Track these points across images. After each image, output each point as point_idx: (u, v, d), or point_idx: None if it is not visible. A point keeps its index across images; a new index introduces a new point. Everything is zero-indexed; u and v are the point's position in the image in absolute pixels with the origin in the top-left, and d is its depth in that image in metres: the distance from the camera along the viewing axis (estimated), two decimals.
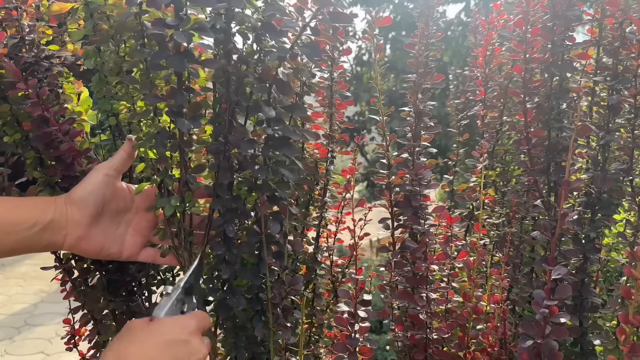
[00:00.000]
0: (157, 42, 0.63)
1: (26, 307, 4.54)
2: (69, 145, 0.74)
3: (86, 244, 0.69)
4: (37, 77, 0.75)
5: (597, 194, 0.80)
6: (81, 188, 0.69)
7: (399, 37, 8.13)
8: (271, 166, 0.70)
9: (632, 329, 0.55)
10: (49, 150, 0.75)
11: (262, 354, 0.76)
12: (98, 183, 0.70)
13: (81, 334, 0.89)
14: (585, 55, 0.81)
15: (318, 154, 0.94)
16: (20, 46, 0.76)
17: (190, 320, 0.63)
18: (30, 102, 0.72)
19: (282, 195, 0.72)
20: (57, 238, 0.67)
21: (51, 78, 0.77)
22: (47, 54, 0.78)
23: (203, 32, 0.63)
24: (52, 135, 0.74)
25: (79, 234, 0.68)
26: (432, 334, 0.77)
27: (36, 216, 0.65)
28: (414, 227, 0.80)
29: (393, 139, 0.83)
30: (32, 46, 0.76)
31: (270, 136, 0.69)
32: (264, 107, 0.66)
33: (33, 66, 0.75)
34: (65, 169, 0.76)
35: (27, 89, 0.72)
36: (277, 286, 0.72)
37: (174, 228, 0.72)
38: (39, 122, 0.73)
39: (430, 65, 0.82)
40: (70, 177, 0.76)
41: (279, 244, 0.74)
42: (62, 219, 0.67)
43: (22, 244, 0.65)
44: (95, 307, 0.82)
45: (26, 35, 0.76)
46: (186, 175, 0.69)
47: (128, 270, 0.82)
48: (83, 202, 0.68)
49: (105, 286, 0.82)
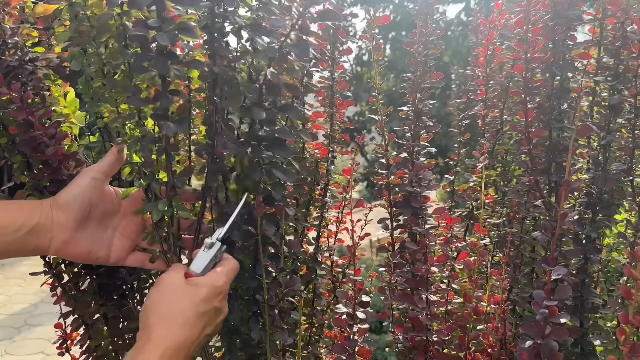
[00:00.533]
0: (140, 44, 0.61)
1: (26, 307, 4.54)
2: (55, 149, 0.73)
3: (72, 248, 0.69)
4: (21, 80, 0.74)
5: (597, 194, 0.80)
6: (67, 192, 0.69)
7: (399, 37, 8.12)
8: (265, 167, 0.70)
9: (632, 329, 0.54)
10: (35, 154, 0.74)
11: (259, 355, 0.76)
12: (85, 187, 0.69)
13: (73, 338, 0.89)
14: (587, 55, 0.80)
15: (319, 154, 0.94)
16: (2, 49, 0.74)
17: (224, 281, 0.65)
18: (15, 106, 0.71)
19: (277, 196, 0.72)
20: (42, 242, 0.67)
21: (36, 81, 0.76)
22: (31, 57, 0.77)
23: (187, 33, 0.61)
24: (38, 139, 0.73)
25: (65, 237, 0.68)
26: (432, 336, 0.77)
27: (22, 219, 0.65)
28: (413, 228, 0.79)
29: (392, 138, 0.83)
30: (15, 49, 0.75)
31: (262, 137, 0.69)
32: (253, 109, 0.66)
33: (16, 69, 0.74)
34: (53, 172, 0.75)
35: (10, 93, 0.71)
36: (274, 288, 0.72)
37: (163, 232, 0.71)
38: (24, 126, 0.72)
39: (430, 64, 0.81)
40: (59, 180, 0.75)
41: (275, 246, 0.73)
42: (47, 223, 0.66)
43: (9, 248, 0.65)
44: (86, 311, 0.82)
45: (8, 38, 0.75)
46: (173, 179, 0.68)
47: (118, 274, 0.82)
48: (69, 206, 0.68)
49: (96, 290, 0.82)
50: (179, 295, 0.62)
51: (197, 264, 0.65)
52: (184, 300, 0.62)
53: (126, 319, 0.84)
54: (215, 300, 0.63)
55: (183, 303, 0.62)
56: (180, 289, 0.63)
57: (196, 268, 0.65)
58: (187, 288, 0.63)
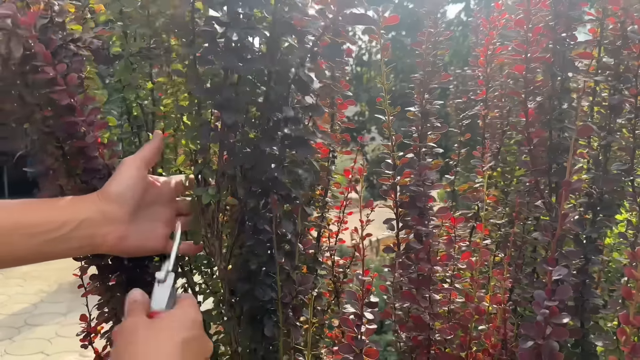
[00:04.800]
0: (208, 39, 0.65)
1: (26, 307, 4.54)
2: (95, 137, 0.70)
3: (128, 242, 0.65)
4: (64, 62, 0.69)
5: (598, 195, 0.80)
6: (117, 184, 0.65)
7: (399, 37, 8.13)
8: (287, 166, 0.70)
9: (633, 330, 0.55)
10: (71, 141, 0.70)
11: (272, 352, 0.76)
12: (134, 178, 0.66)
13: (98, 331, 0.87)
14: (587, 54, 0.80)
15: (319, 154, 0.94)
16: (49, 27, 0.69)
17: (196, 311, 0.59)
18: (59, 88, 0.66)
19: (297, 194, 0.72)
20: (94, 239, 0.63)
21: (77, 64, 0.70)
22: (74, 37, 0.71)
23: (254, 32, 0.65)
24: (77, 125, 0.69)
25: (120, 232, 0.64)
26: (434, 335, 0.77)
27: (64, 217, 0.61)
28: (418, 228, 0.79)
29: (399, 139, 0.83)
30: (60, 28, 0.70)
31: (287, 135, 0.69)
32: (284, 106, 0.67)
33: (60, 50, 0.69)
34: (87, 161, 0.71)
35: (56, 74, 0.66)
36: (288, 285, 0.72)
37: (207, 218, 0.72)
38: (64, 110, 0.68)
39: (438, 65, 0.81)
40: (92, 169, 0.71)
41: (291, 243, 0.73)
42: (98, 218, 0.62)
43: (48, 248, 0.60)
44: (120, 304, 0.76)
45: (56, 16, 0.69)
46: (223, 166, 0.70)
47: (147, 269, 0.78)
48: (122, 199, 0.64)
49: (127, 283, 0.78)
50: (150, 334, 0.54)
51: (157, 300, 0.59)
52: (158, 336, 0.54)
53: None
54: (194, 329, 0.57)
55: (158, 339, 0.54)
56: (149, 328, 0.55)
57: (158, 304, 0.59)
58: (157, 323, 0.56)
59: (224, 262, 0.74)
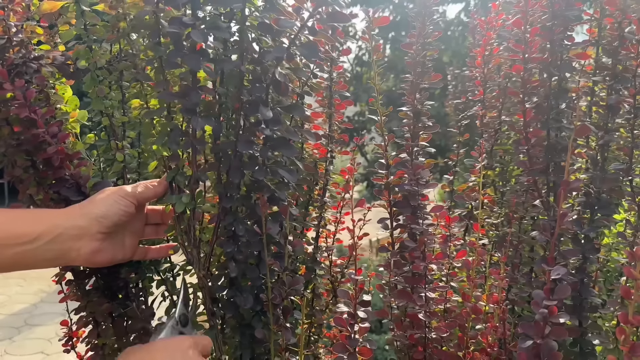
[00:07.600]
0: (174, 41, 0.63)
1: (26, 307, 4.54)
2: (57, 147, 0.73)
3: (100, 256, 0.69)
4: (25, 78, 0.74)
5: (596, 194, 0.80)
6: (102, 205, 0.68)
7: (398, 37, 8.13)
8: (270, 167, 0.70)
9: (632, 329, 0.54)
10: (37, 153, 0.74)
11: (263, 354, 0.76)
12: (124, 209, 0.69)
13: (79, 335, 0.89)
14: (585, 55, 0.81)
15: (317, 154, 0.94)
16: (7, 47, 0.74)
17: (185, 339, 0.66)
18: (17, 103, 0.71)
19: (282, 196, 0.72)
20: (69, 252, 0.66)
21: (39, 79, 0.75)
22: (35, 55, 0.76)
23: (219, 32, 0.63)
24: (40, 137, 0.72)
25: (95, 247, 0.67)
26: (431, 334, 0.77)
27: (39, 229, 0.63)
28: (412, 227, 0.79)
29: (391, 139, 0.83)
30: (20, 46, 0.75)
31: (268, 137, 0.69)
32: (261, 108, 0.66)
33: (21, 67, 0.74)
34: (55, 171, 0.75)
35: (14, 90, 0.70)
36: (278, 287, 0.72)
37: (183, 225, 0.73)
38: (27, 124, 0.72)
39: (428, 65, 0.82)
40: (60, 179, 0.75)
41: (279, 245, 0.74)
42: (74, 233, 0.65)
43: (22, 259, 0.63)
44: (98, 309, 0.82)
45: (13, 35, 0.74)
46: (197, 173, 0.70)
47: (119, 275, 0.82)
48: (107, 220, 0.68)
49: (103, 288, 0.82)
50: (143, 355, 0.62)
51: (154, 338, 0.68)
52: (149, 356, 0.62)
53: (130, 319, 0.84)
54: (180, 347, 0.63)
55: None
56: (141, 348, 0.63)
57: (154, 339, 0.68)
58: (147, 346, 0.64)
59: (202, 270, 0.74)
